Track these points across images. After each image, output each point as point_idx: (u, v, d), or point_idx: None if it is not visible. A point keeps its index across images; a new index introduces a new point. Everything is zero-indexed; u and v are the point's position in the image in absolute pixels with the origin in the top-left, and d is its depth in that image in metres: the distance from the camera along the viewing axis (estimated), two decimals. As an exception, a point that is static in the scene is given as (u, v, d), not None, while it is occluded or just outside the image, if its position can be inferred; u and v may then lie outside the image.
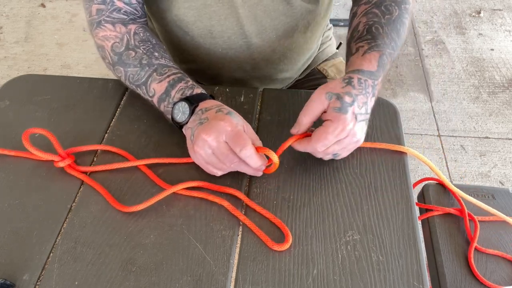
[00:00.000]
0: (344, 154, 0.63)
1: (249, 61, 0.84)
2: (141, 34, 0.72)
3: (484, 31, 2.26)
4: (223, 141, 0.58)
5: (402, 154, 0.67)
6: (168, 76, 0.67)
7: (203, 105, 0.63)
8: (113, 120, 0.73)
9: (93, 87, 0.78)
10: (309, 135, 0.61)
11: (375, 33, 0.66)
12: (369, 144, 0.67)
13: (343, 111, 0.58)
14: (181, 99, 0.64)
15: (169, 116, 0.65)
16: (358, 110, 0.59)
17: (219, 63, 0.84)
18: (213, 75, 0.89)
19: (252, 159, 0.58)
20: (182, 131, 0.65)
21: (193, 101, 0.63)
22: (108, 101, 0.75)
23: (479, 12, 2.38)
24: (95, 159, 0.67)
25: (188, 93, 0.65)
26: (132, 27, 0.72)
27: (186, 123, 0.63)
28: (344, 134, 0.58)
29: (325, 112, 0.60)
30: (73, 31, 2.29)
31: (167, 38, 0.86)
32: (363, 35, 0.67)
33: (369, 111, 0.61)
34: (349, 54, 0.69)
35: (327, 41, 1.00)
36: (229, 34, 0.79)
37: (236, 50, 0.81)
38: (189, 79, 0.68)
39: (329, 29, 1.00)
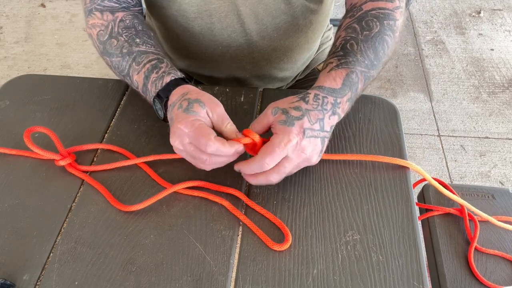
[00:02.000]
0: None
1: (249, 60, 0.84)
2: (127, 21, 0.70)
3: (484, 31, 2.26)
4: (187, 143, 0.57)
5: (402, 154, 0.66)
6: (144, 65, 0.65)
7: (171, 98, 0.61)
8: (113, 120, 0.73)
9: (93, 87, 0.78)
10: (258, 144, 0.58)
11: (348, 49, 0.64)
12: (369, 158, 0.64)
13: (288, 124, 0.56)
14: (154, 97, 0.63)
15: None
16: (309, 125, 0.57)
17: (218, 61, 0.84)
18: (212, 73, 0.89)
19: (221, 151, 0.55)
20: None
21: (163, 96, 0.62)
22: (108, 101, 0.75)
23: (479, 12, 2.38)
24: (95, 158, 0.67)
25: (159, 85, 0.63)
26: (120, 14, 0.71)
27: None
28: (290, 148, 0.55)
29: (272, 126, 0.58)
30: (73, 31, 2.29)
31: (166, 35, 0.86)
32: (337, 50, 0.65)
33: (326, 128, 0.59)
34: (322, 67, 0.67)
35: (327, 41, 1.00)
36: (230, 31, 0.78)
37: (237, 48, 0.81)
38: (162, 64, 0.65)
39: (329, 29, 1.00)
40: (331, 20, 0.96)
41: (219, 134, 0.58)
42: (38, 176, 0.64)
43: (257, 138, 0.58)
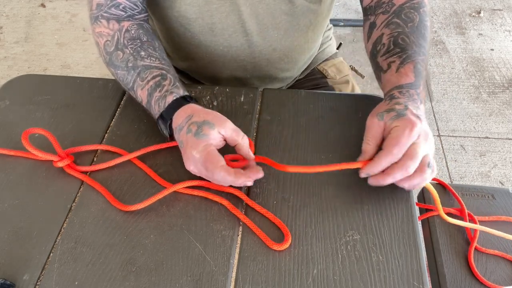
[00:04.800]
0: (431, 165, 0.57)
1: (249, 60, 0.84)
2: (132, 32, 0.71)
3: (484, 31, 2.26)
4: (200, 166, 0.59)
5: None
6: (148, 82, 0.66)
7: (175, 121, 0.62)
8: (113, 120, 0.73)
9: (93, 87, 0.78)
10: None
11: (403, 44, 0.66)
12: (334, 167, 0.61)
13: (402, 115, 0.57)
14: (158, 117, 0.64)
15: None
16: (416, 112, 0.58)
17: (219, 61, 0.84)
18: (213, 73, 0.89)
19: (226, 180, 0.57)
20: None
21: (166, 118, 0.63)
22: (108, 101, 0.75)
23: (479, 12, 2.38)
24: (95, 159, 0.67)
25: (162, 105, 0.64)
26: (126, 24, 0.71)
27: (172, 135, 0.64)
28: (415, 133, 0.55)
29: (385, 132, 0.59)
30: (73, 31, 2.29)
31: (167, 36, 0.86)
32: (390, 49, 0.67)
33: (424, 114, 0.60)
34: (379, 70, 0.69)
35: (327, 41, 1.00)
36: (230, 31, 0.78)
37: (237, 48, 0.81)
38: (165, 81, 0.66)
39: (329, 29, 1.00)
40: (331, 20, 0.96)
41: (235, 147, 0.61)
42: (38, 176, 0.64)
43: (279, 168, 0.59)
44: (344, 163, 0.58)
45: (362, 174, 0.58)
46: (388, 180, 0.56)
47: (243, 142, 0.60)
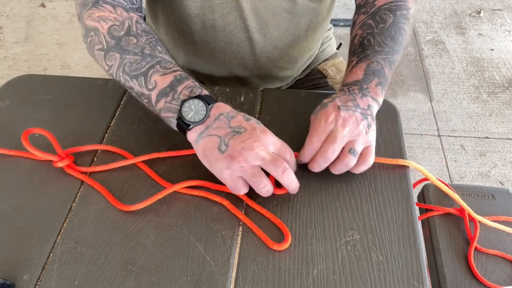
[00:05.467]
0: (364, 150, 0.60)
1: (250, 57, 0.84)
2: (143, 25, 0.66)
3: (484, 31, 2.26)
4: (272, 152, 0.56)
5: (402, 154, 0.66)
6: (174, 71, 0.60)
7: (221, 108, 0.58)
8: (113, 120, 0.73)
9: (93, 87, 0.78)
10: None
11: (366, 45, 0.68)
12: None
13: (324, 106, 0.62)
14: (193, 97, 0.57)
15: (170, 114, 0.59)
16: (341, 103, 0.60)
17: (220, 57, 0.84)
18: (213, 71, 0.89)
19: (294, 164, 0.59)
20: (182, 133, 0.60)
21: (209, 101, 0.57)
22: (108, 101, 0.75)
23: (479, 12, 2.38)
24: (95, 159, 0.67)
25: (197, 92, 0.58)
26: (134, 15, 0.66)
27: (199, 123, 0.57)
28: (331, 121, 0.59)
29: (312, 120, 0.63)
30: (73, 31, 2.29)
31: (168, 32, 0.86)
32: (356, 49, 0.69)
33: (362, 106, 0.61)
34: (346, 68, 0.71)
35: (327, 41, 1.00)
36: (232, 28, 0.79)
37: (238, 45, 0.81)
38: (195, 81, 0.62)
39: (329, 29, 1.00)
40: (331, 20, 0.97)
41: None
42: (38, 176, 0.64)
43: None
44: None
45: (298, 161, 0.62)
46: (315, 167, 0.60)
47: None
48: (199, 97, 0.57)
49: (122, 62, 0.62)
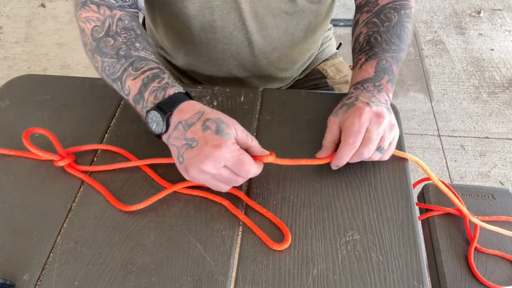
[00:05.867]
0: (389, 144, 0.61)
1: (249, 58, 0.84)
2: (126, 22, 0.66)
3: (484, 31, 2.26)
4: (222, 167, 0.54)
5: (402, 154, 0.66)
6: (144, 72, 0.60)
7: (179, 115, 0.56)
8: (113, 120, 0.73)
9: (93, 87, 0.78)
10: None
11: (373, 42, 0.69)
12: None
13: (350, 106, 0.61)
14: (153, 108, 0.57)
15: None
16: (366, 100, 0.61)
17: (219, 58, 0.84)
18: (212, 72, 0.89)
19: (255, 174, 0.57)
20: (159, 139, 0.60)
21: (165, 109, 0.56)
22: (108, 101, 0.75)
23: (479, 12, 2.38)
24: (95, 159, 0.67)
25: (160, 96, 0.58)
26: (118, 12, 0.66)
27: (163, 133, 0.57)
28: (365, 118, 0.58)
29: (341, 126, 0.61)
30: (73, 31, 2.29)
31: (167, 33, 0.86)
32: (363, 47, 0.70)
33: (381, 100, 0.62)
34: (353, 66, 0.72)
35: (327, 41, 1.00)
36: (231, 29, 0.78)
37: (237, 46, 0.81)
38: (164, 75, 0.61)
39: (329, 29, 1.00)
40: (331, 20, 0.96)
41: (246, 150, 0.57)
42: (38, 176, 0.64)
43: (275, 161, 0.59)
44: (314, 159, 0.62)
45: (333, 167, 0.62)
46: (343, 164, 0.61)
47: (254, 144, 0.57)
48: (157, 107, 0.57)
49: (103, 65, 0.64)
